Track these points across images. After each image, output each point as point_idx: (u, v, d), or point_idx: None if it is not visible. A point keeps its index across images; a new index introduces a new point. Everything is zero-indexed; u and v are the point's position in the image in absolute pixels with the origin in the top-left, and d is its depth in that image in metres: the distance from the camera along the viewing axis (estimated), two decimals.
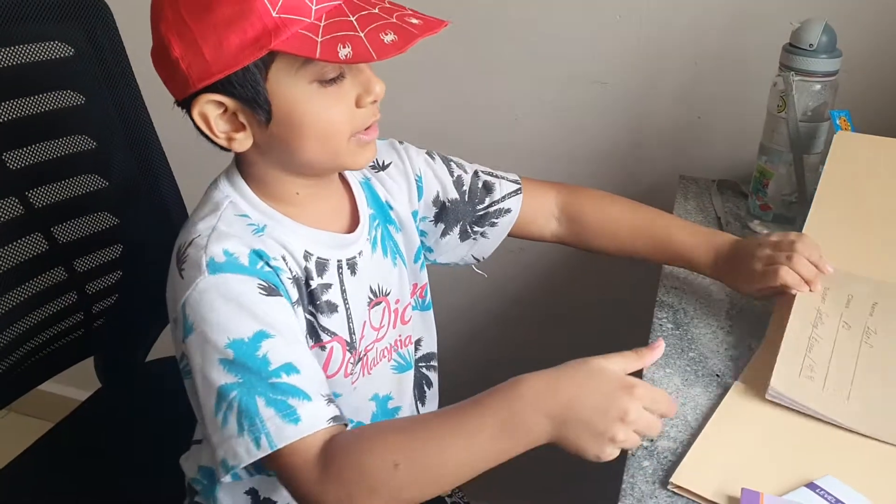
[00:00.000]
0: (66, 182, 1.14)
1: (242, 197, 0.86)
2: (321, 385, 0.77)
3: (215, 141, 0.81)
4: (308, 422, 0.73)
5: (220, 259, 0.78)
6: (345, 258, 0.90)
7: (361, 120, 0.82)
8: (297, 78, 0.78)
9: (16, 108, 1.07)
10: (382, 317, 0.96)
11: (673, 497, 0.72)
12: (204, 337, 0.76)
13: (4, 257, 1.07)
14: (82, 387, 1.33)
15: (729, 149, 1.34)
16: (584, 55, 1.36)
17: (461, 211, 1.05)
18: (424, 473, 0.73)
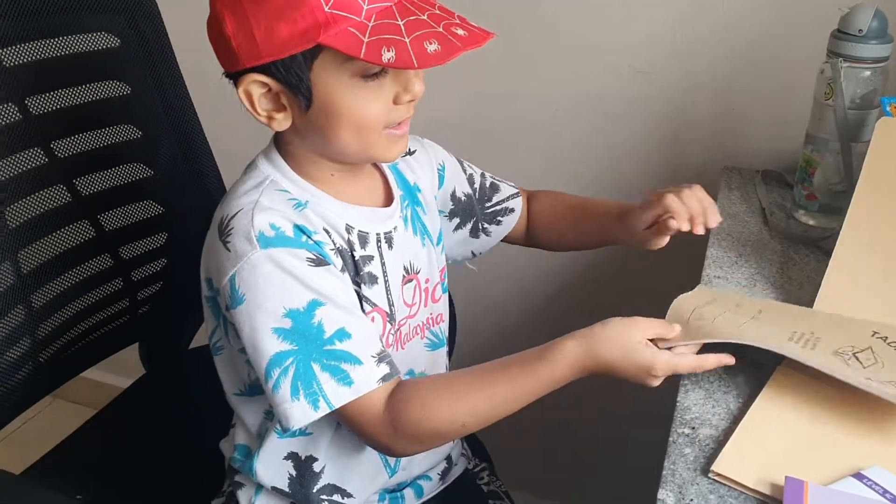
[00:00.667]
0: (112, 171, 1.16)
1: (282, 174, 0.88)
2: (371, 345, 0.83)
3: (256, 118, 0.84)
4: (361, 384, 0.80)
5: (270, 233, 0.81)
6: (383, 231, 0.92)
7: (396, 115, 0.85)
8: (341, 71, 0.80)
9: (63, 97, 1.10)
10: (414, 294, 0.98)
11: (714, 484, 0.71)
12: (258, 307, 0.80)
13: (52, 244, 1.09)
14: (127, 375, 1.35)
15: (773, 138, 1.32)
16: (625, 44, 1.35)
17: (474, 207, 1.10)
18: (486, 424, 0.85)
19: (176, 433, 1.22)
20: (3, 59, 1.02)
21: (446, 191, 1.08)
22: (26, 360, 1.05)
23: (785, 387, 0.82)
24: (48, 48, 1.07)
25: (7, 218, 1.03)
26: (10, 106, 1.03)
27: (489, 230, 1.12)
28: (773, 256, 1.07)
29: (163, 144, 1.20)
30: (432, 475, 1.04)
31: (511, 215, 1.12)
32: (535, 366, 0.82)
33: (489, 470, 1.16)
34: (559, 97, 1.42)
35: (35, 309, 1.06)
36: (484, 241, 1.13)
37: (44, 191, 1.08)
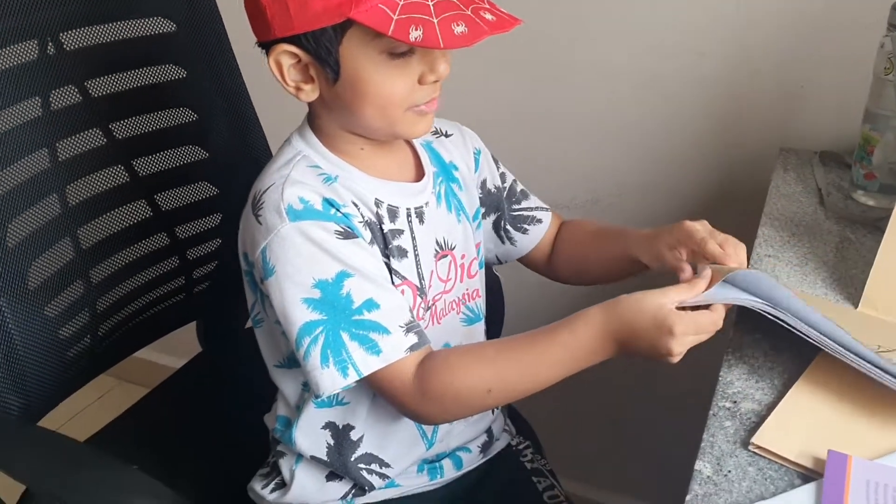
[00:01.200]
0: (168, 152, 1.19)
1: (314, 150, 0.90)
2: (400, 315, 0.84)
3: (285, 88, 0.86)
4: (389, 352, 0.82)
5: (298, 206, 0.83)
6: (413, 206, 0.93)
7: (422, 95, 0.86)
8: (369, 47, 0.81)
9: (122, 80, 1.13)
10: (449, 270, 0.99)
11: (753, 457, 0.70)
12: (287, 278, 0.82)
13: (110, 222, 1.13)
14: (184, 356, 1.38)
15: (834, 119, 1.28)
16: (681, 24, 1.33)
17: (502, 202, 1.10)
18: (513, 394, 0.87)
19: (228, 408, 1.24)
20: (65, 42, 1.06)
21: (479, 177, 1.08)
22: (85, 332, 1.09)
23: (832, 363, 0.79)
24: (107, 32, 1.10)
25: (68, 196, 1.07)
26: (70, 88, 1.07)
27: (514, 238, 1.11)
28: (828, 237, 1.04)
29: (217, 127, 1.22)
30: (472, 447, 1.05)
31: (538, 226, 1.11)
32: (557, 331, 0.82)
33: (533, 448, 1.15)
34: (615, 80, 1.41)
35: (94, 284, 1.10)
36: (509, 249, 1.12)
37: (103, 171, 1.12)
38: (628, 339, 0.79)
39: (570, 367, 0.82)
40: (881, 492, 0.63)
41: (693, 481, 0.67)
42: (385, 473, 0.97)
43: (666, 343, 0.76)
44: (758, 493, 0.66)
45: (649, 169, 1.43)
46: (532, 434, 1.20)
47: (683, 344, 0.77)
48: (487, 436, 1.07)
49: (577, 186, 1.52)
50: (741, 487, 0.66)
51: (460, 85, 1.41)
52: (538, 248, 1.12)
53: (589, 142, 1.47)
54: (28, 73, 1.01)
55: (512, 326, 1.26)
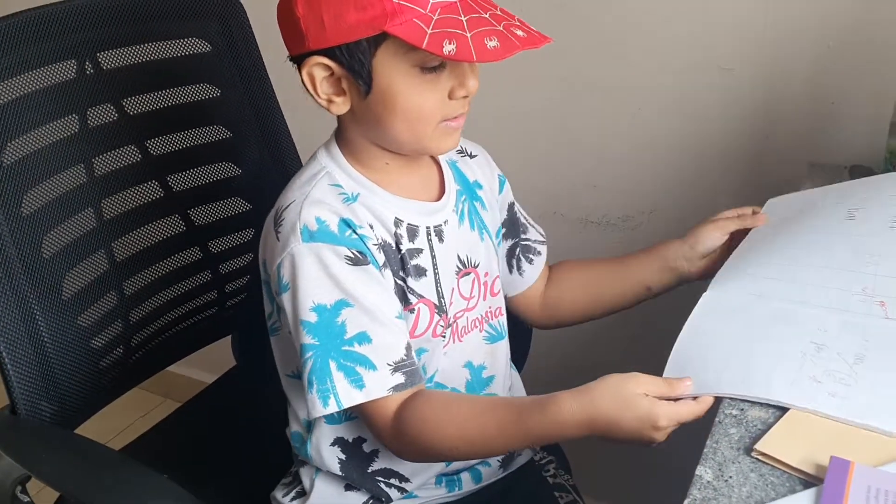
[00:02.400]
0: (202, 168, 1.23)
1: (338, 166, 0.92)
2: (391, 353, 0.84)
3: (317, 101, 0.88)
4: (372, 389, 0.84)
5: (313, 227, 0.85)
6: (433, 225, 0.94)
7: (451, 110, 0.87)
8: (402, 60, 0.82)
9: (157, 99, 1.17)
10: (472, 287, 0.99)
11: (756, 463, 0.69)
12: (294, 297, 0.84)
13: (145, 236, 1.16)
14: (218, 372, 1.41)
15: (865, 134, 1.26)
16: (708, 40, 1.33)
17: (518, 229, 1.12)
18: (478, 455, 0.92)
19: (259, 420, 1.26)
20: (102, 62, 1.10)
21: (505, 199, 1.10)
22: (118, 342, 1.12)
23: None
24: (144, 52, 1.15)
25: (103, 209, 1.11)
26: (107, 106, 1.12)
27: (523, 268, 1.12)
28: None
29: (251, 145, 1.26)
30: (492, 462, 1.05)
31: (539, 258, 1.13)
32: (528, 412, 0.82)
33: (556, 463, 1.16)
34: (642, 96, 1.41)
35: (127, 295, 1.13)
36: (515, 279, 1.12)
37: (138, 186, 1.16)
38: (606, 430, 0.78)
39: (533, 444, 0.87)
40: (882, 498, 0.61)
41: (693, 486, 0.67)
42: (404, 487, 0.98)
43: (648, 434, 0.76)
44: (758, 499, 0.65)
45: (679, 186, 1.43)
46: (558, 449, 1.19)
47: (665, 433, 0.77)
48: None
49: (610, 205, 1.52)
50: (741, 493, 0.66)
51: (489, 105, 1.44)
52: (534, 285, 1.13)
53: (619, 160, 1.47)
54: (66, 92, 1.06)
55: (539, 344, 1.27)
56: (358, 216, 0.88)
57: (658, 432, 0.76)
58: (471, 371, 1.00)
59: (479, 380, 1.01)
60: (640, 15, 1.36)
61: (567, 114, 1.49)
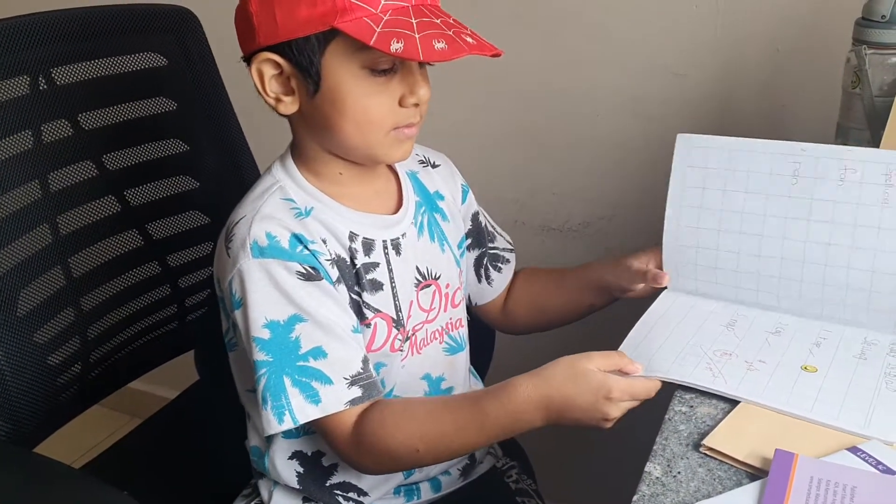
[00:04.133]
0: (159, 182, 1.22)
1: (291, 179, 0.91)
2: (347, 367, 0.84)
3: (265, 99, 0.87)
4: (328, 403, 0.83)
5: (263, 243, 0.84)
6: (389, 238, 0.94)
7: (401, 117, 0.86)
8: (351, 60, 0.83)
9: (114, 114, 1.17)
10: (433, 299, 0.99)
11: (704, 459, 0.70)
12: (246, 314, 0.84)
13: (102, 251, 1.16)
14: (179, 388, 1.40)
15: (816, 136, 1.28)
16: (663, 47, 1.35)
17: (484, 238, 1.12)
18: (440, 455, 0.87)
19: (221, 434, 1.25)
20: (56, 78, 1.10)
21: (469, 209, 1.10)
22: (76, 359, 1.11)
23: None
24: (99, 67, 1.14)
25: (59, 225, 1.10)
26: (62, 122, 1.11)
27: (492, 277, 1.12)
28: None
29: (208, 158, 1.26)
30: (452, 471, 1.05)
31: (508, 266, 1.13)
32: (484, 399, 0.82)
33: (519, 468, 1.15)
34: (600, 101, 1.43)
35: (84, 311, 1.12)
36: (484, 288, 1.13)
37: (95, 201, 1.15)
38: (562, 407, 0.78)
39: (495, 435, 0.83)
40: (822, 487, 0.63)
41: (642, 482, 0.67)
42: (362, 501, 0.98)
43: (603, 407, 0.77)
44: (705, 493, 0.66)
45: (637, 191, 1.45)
46: (521, 454, 1.20)
47: (620, 408, 0.77)
48: (469, 459, 1.07)
49: (570, 211, 1.53)
50: (689, 488, 0.67)
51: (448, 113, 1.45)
52: (501, 293, 1.13)
53: (577, 167, 1.49)
54: (19, 108, 1.04)
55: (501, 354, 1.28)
56: (310, 231, 0.87)
57: (612, 406, 0.77)
58: (429, 383, 1.00)
59: (438, 391, 1.01)
60: (596, 22, 1.38)
61: (526, 121, 1.50)
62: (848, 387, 0.77)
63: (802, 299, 0.90)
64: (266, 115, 0.91)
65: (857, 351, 0.83)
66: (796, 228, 0.91)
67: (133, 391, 1.44)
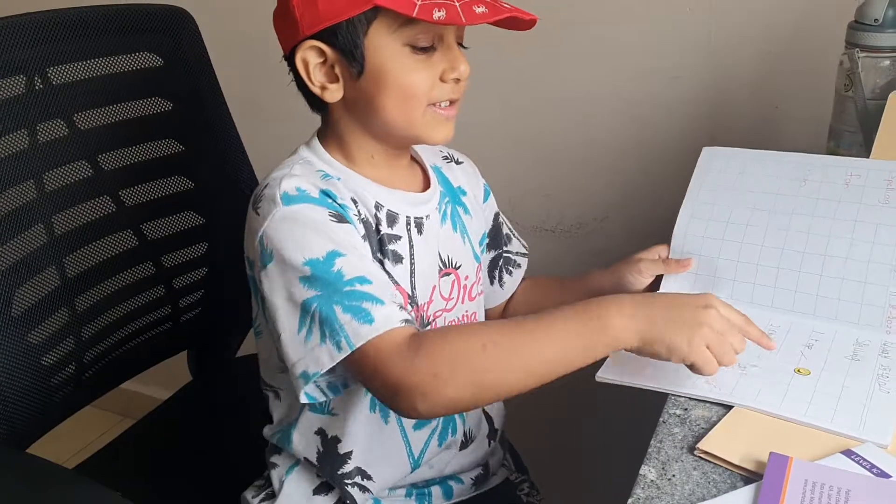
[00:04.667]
0: (154, 183, 1.22)
1: (319, 157, 0.93)
2: (395, 294, 0.83)
3: (310, 88, 0.89)
4: (381, 321, 0.78)
5: (293, 192, 0.86)
6: (413, 216, 0.95)
7: (441, 92, 0.88)
8: (393, 38, 0.85)
9: (110, 114, 1.17)
10: (452, 289, 1.00)
11: (699, 462, 0.70)
12: (283, 260, 0.83)
13: (97, 251, 1.16)
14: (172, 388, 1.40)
15: (808, 137, 1.29)
16: (656, 49, 1.35)
17: (502, 240, 1.13)
18: (510, 359, 0.78)
19: (217, 434, 1.26)
20: (52, 77, 1.09)
21: (490, 209, 1.11)
22: (70, 359, 1.11)
23: None
24: (95, 67, 1.14)
25: (54, 225, 1.10)
26: (58, 121, 1.11)
27: (503, 280, 1.13)
28: None
29: (203, 159, 1.26)
30: (464, 478, 1.05)
31: (518, 270, 1.14)
32: (568, 308, 0.79)
33: (529, 483, 1.16)
34: (593, 103, 1.44)
35: (79, 312, 1.12)
36: (496, 291, 1.13)
37: (90, 201, 1.15)
38: (660, 309, 0.77)
39: (573, 345, 0.77)
40: (818, 490, 0.63)
41: (636, 486, 0.68)
42: (367, 486, 0.98)
43: (701, 316, 0.76)
44: (700, 496, 0.66)
45: (630, 192, 1.45)
46: (526, 470, 1.19)
47: (715, 320, 0.76)
48: (483, 469, 1.07)
49: (563, 212, 1.54)
50: (684, 491, 0.67)
51: None
52: (509, 296, 1.15)
53: (571, 168, 1.50)
54: (14, 107, 1.04)
55: None
56: (339, 190, 0.89)
57: (710, 309, 0.77)
58: None
59: None
60: (589, 24, 1.39)
61: (519, 123, 1.51)
62: (841, 390, 0.78)
63: (797, 294, 0.92)
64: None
65: (849, 352, 0.84)
66: (800, 223, 0.95)
67: (126, 391, 1.44)
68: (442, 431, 1.00)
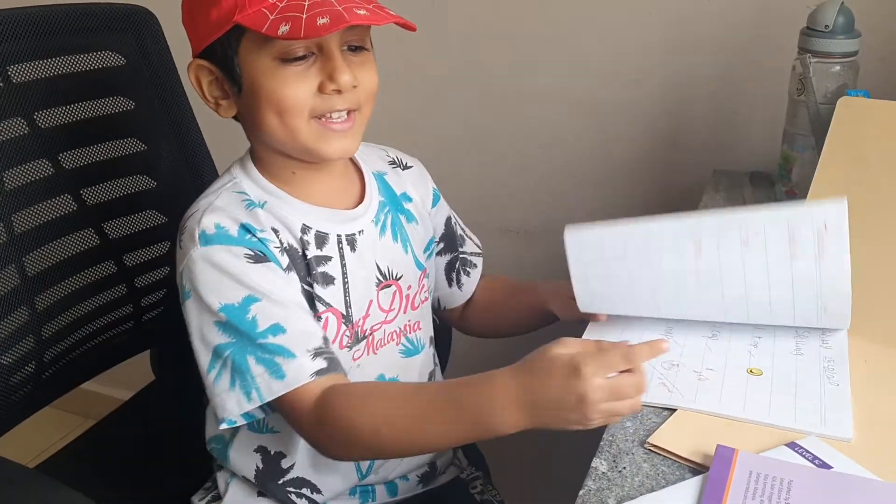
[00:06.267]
0: (116, 182, 1.21)
1: (247, 175, 0.93)
2: (308, 340, 0.84)
3: (207, 104, 0.90)
4: (293, 377, 0.82)
5: (211, 231, 0.86)
6: (344, 233, 0.94)
7: (322, 104, 0.85)
8: (262, 53, 0.84)
9: (71, 112, 1.16)
10: (393, 300, 0.99)
11: (650, 455, 0.72)
12: (200, 300, 0.84)
13: (58, 250, 1.15)
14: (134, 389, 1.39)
15: (766, 140, 1.32)
16: (617, 53, 1.38)
17: (456, 242, 1.12)
18: (403, 444, 0.83)
19: (178, 433, 1.25)
20: (13, 76, 1.09)
21: (440, 213, 1.10)
22: (29, 358, 1.10)
23: None
24: (56, 66, 1.13)
25: (14, 224, 1.09)
26: (18, 120, 1.10)
27: (462, 281, 1.12)
28: None
29: (165, 157, 1.25)
30: (411, 476, 1.05)
31: (475, 270, 1.13)
32: (461, 390, 0.78)
33: (484, 479, 1.16)
34: (556, 106, 1.46)
35: (39, 310, 1.12)
36: (454, 293, 1.13)
37: (51, 199, 1.14)
38: (537, 394, 0.72)
39: (462, 429, 0.77)
40: (761, 481, 0.65)
41: (588, 477, 0.69)
42: (315, 499, 0.99)
43: (576, 388, 0.69)
44: (649, 488, 0.68)
45: (593, 194, 1.48)
46: (484, 464, 1.20)
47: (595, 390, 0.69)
48: (429, 467, 1.07)
49: (527, 214, 1.55)
50: (633, 482, 0.69)
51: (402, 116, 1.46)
52: (468, 297, 1.14)
53: (534, 168, 1.52)
54: None
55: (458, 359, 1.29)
56: (259, 221, 0.88)
57: (584, 383, 0.69)
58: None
59: None
60: (551, 28, 1.41)
61: (483, 125, 1.52)
62: (796, 388, 0.79)
63: (728, 310, 0.88)
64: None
65: (791, 347, 0.86)
66: (710, 289, 0.86)
67: (87, 392, 1.43)
68: None
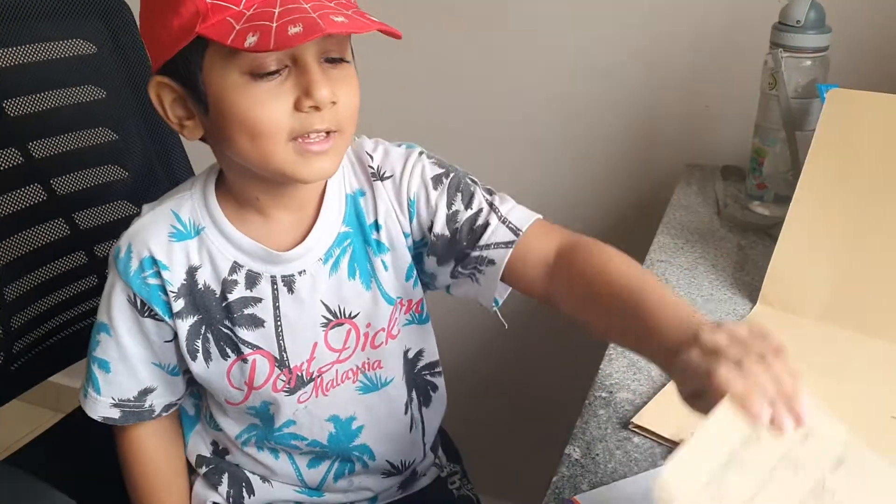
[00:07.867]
0: (87, 171, 1.20)
1: (202, 194, 0.87)
2: (118, 391, 0.93)
3: (170, 125, 0.81)
4: (89, 405, 0.95)
5: (121, 254, 0.88)
6: (280, 274, 0.87)
7: (301, 123, 0.75)
8: (229, 68, 0.74)
9: (41, 101, 1.14)
10: (347, 338, 0.91)
11: (622, 442, 0.73)
12: None
13: (27, 240, 1.13)
14: None
15: (737, 134, 1.34)
16: (588, 47, 1.39)
17: (450, 249, 0.89)
18: None
19: None
20: None
21: (424, 221, 0.89)
22: None
23: None
24: (26, 53, 1.12)
25: None
26: None
27: (479, 279, 0.89)
28: (720, 243, 1.09)
29: (137, 147, 1.24)
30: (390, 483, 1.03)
31: (492, 267, 0.87)
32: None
33: (461, 473, 1.14)
34: (527, 101, 1.46)
35: (7, 301, 1.10)
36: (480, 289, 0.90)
37: (20, 189, 1.13)
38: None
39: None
40: None
41: (561, 464, 0.70)
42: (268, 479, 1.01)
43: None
44: (622, 474, 0.69)
45: (565, 188, 1.48)
46: (459, 458, 1.18)
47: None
48: (411, 473, 1.04)
49: None
50: (606, 469, 0.69)
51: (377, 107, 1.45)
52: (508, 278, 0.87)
53: (505, 164, 1.52)
54: None
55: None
56: (172, 257, 0.85)
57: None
58: (336, 424, 0.95)
59: (348, 432, 0.96)
60: (522, 22, 1.41)
61: (453, 120, 1.52)
62: None
63: None
64: None
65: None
66: None
67: (56, 385, 1.42)
68: (338, 469, 0.99)
